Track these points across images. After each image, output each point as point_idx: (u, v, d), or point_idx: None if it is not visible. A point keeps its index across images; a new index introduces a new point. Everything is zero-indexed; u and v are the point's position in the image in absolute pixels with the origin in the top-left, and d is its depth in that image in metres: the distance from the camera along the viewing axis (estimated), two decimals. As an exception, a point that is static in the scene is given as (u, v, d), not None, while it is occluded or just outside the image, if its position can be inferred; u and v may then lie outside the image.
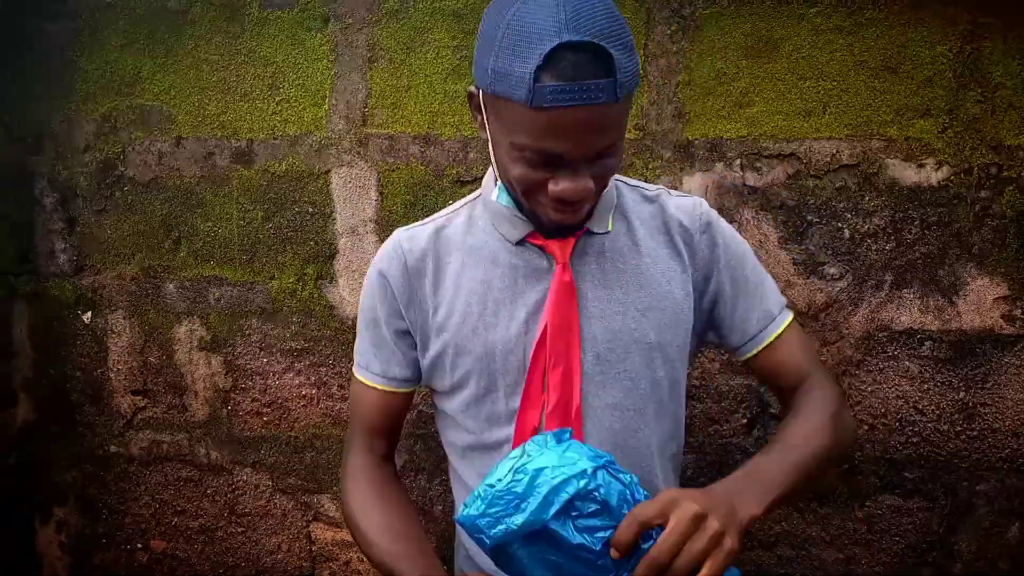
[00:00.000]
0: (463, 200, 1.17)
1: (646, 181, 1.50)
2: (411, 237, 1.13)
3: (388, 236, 1.55)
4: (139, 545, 1.74)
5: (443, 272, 1.10)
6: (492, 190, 1.07)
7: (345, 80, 1.55)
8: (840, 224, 1.49)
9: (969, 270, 1.48)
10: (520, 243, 1.07)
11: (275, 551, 1.71)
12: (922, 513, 1.55)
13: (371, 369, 1.17)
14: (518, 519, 0.80)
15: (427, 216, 1.40)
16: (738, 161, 1.49)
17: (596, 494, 0.81)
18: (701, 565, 0.78)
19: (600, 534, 0.81)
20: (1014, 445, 1.51)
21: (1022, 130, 1.44)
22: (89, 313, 1.67)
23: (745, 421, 1.56)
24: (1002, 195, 1.45)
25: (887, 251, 1.49)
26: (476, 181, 1.54)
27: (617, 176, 1.13)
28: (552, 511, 0.79)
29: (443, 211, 1.17)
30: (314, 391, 1.64)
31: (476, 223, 1.11)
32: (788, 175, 1.49)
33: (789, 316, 1.16)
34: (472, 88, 0.97)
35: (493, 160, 1.01)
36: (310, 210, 1.59)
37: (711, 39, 1.47)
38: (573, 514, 0.80)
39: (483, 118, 0.97)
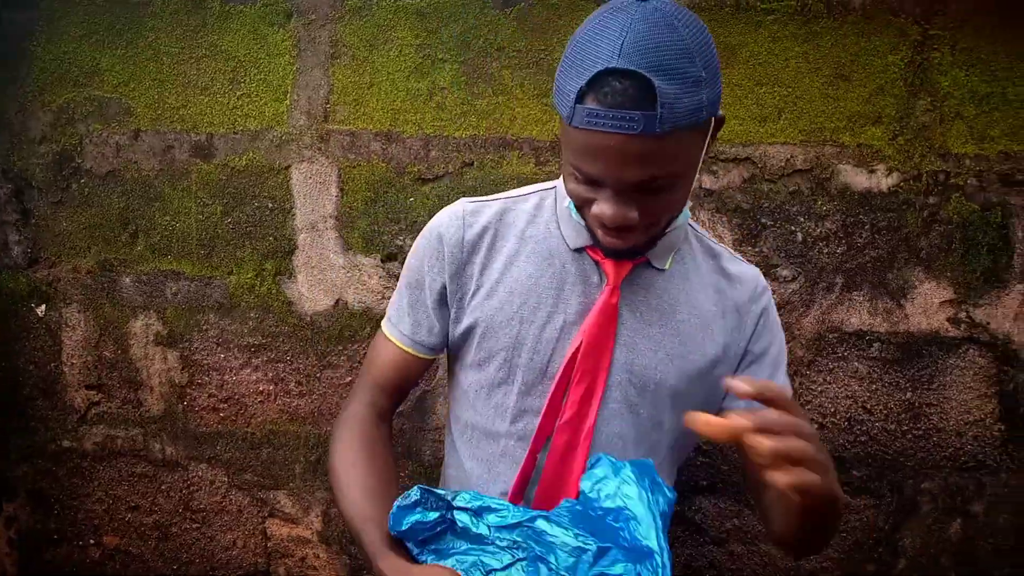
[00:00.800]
0: (537, 186, 1.16)
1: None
2: (475, 210, 1.11)
3: (348, 233, 1.57)
4: (92, 541, 1.71)
5: (496, 253, 1.09)
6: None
7: (307, 76, 1.55)
8: (793, 227, 1.52)
9: (917, 274, 1.52)
10: (579, 250, 1.06)
11: (230, 547, 1.70)
12: (869, 510, 1.59)
13: (400, 328, 1.16)
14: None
15: (387, 215, 1.41)
16: (695, 164, 1.52)
17: None
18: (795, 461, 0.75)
19: None
20: (957, 444, 1.56)
21: (968, 139, 1.48)
22: (43, 306, 1.65)
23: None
24: (949, 202, 1.50)
25: (838, 254, 1.52)
26: (438, 179, 1.55)
27: (692, 223, 1.13)
28: None
29: (512, 192, 1.16)
30: (271, 387, 1.63)
31: (542, 215, 1.10)
32: (743, 179, 1.52)
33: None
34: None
35: None
36: (270, 205, 1.59)
37: (670, 43, 1.49)
38: None
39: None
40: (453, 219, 1.11)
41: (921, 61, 1.47)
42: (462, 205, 1.12)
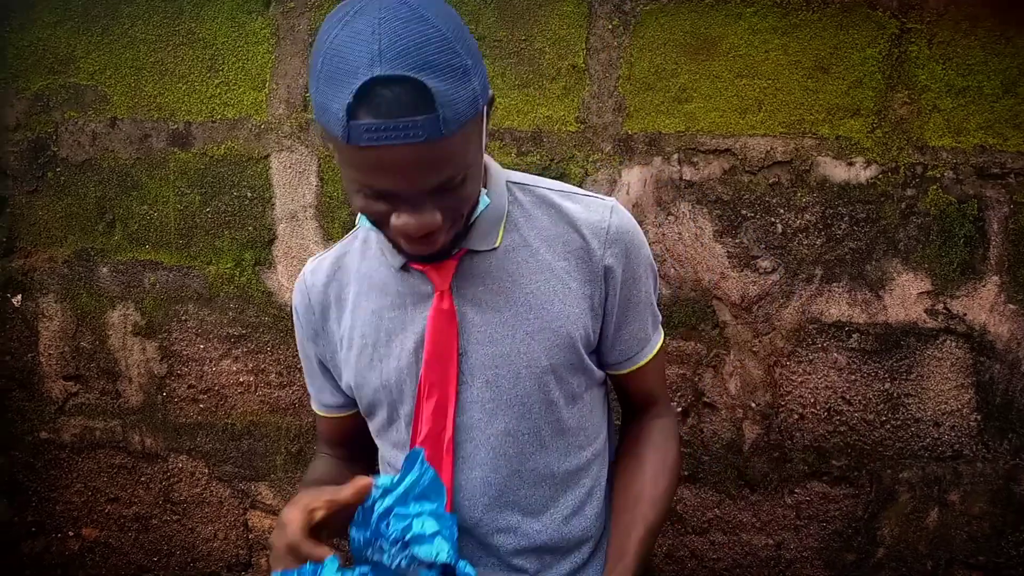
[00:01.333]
0: (359, 224, 1.08)
1: (586, 174, 1.53)
2: (314, 270, 1.09)
3: (328, 223, 1.56)
4: (71, 533, 1.70)
5: (344, 302, 1.06)
6: None
7: (286, 64, 1.54)
8: (773, 219, 1.53)
9: (895, 265, 1.53)
10: (403, 268, 1.00)
11: (211, 539, 1.69)
12: (848, 500, 1.60)
13: (317, 397, 1.17)
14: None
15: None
16: (676, 155, 1.52)
17: None
18: None
19: None
20: (935, 434, 1.57)
21: (945, 132, 1.49)
22: (19, 296, 1.63)
23: (680, 410, 1.59)
24: (926, 194, 1.51)
25: (817, 246, 1.53)
26: (418, 169, 1.54)
27: (513, 178, 1.06)
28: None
29: (347, 236, 1.12)
30: (252, 378, 1.62)
31: (369, 248, 1.06)
32: (724, 170, 1.52)
33: (662, 336, 1.12)
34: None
35: None
36: (249, 195, 1.57)
37: (651, 35, 1.50)
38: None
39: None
40: (299, 288, 1.10)
41: (899, 54, 1.48)
42: (304, 269, 1.11)
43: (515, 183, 1.04)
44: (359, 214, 0.95)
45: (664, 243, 1.52)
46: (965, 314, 1.54)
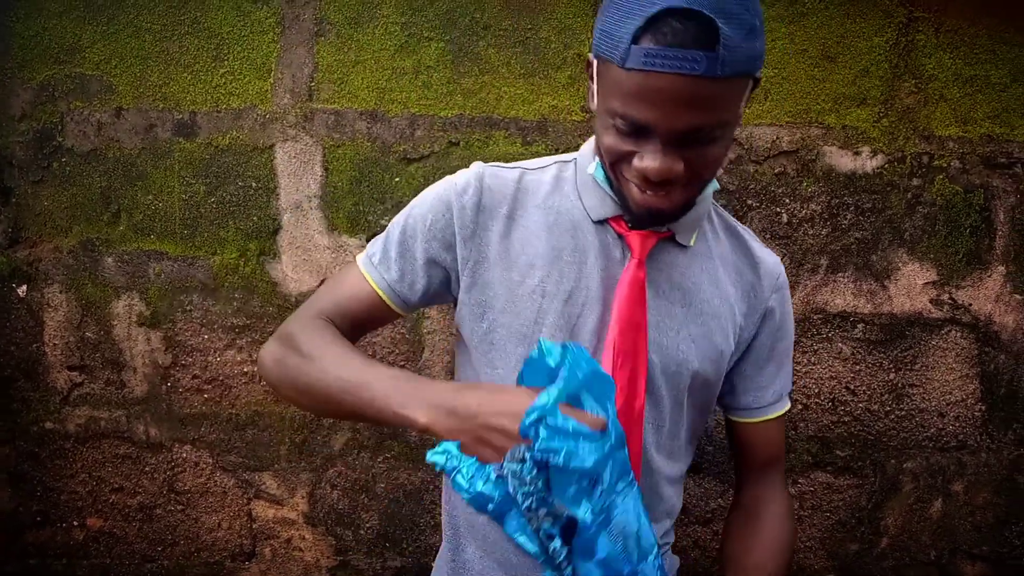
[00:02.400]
0: (554, 157, 1.10)
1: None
2: (495, 175, 1.04)
3: (333, 213, 1.56)
4: (75, 523, 1.71)
5: (516, 223, 1.03)
6: (591, 162, 1.02)
7: (291, 53, 1.53)
8: (779, 209, 1.53)
9: (900, 255, 1.53)
10: (601, 223, 1.01)
11: (215, 529, 1.69)
12: (851, 490, 1.60)
13: (382, 271, 1.06)
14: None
15: (373, 195, 1.38)
16: (681, 145, 1.52)
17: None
18: None
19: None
20: (939, 424, 1.57)
21: (952, 121, 1.49)
22: (24, 286, 1.63)
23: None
24: (932, 184, 1.51)
25: (823, 236, 1.53)
26: (423, 159, 1.54)
27: (714, 200, 1.09)
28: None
29: (531, 162, 1.09)
30: (256, 368, 1.62)
31: (563, 186, 1.05)
32: (730, 160, 1.52)
33: (789, 403, 1.16)
34: (590, 55, 0.92)
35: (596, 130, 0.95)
36: (254, 185, 1.57)
37: (657, 23, 1.49)
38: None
39: (594, 87, 0.91)
40: (471, 182, 1.03)
41: (906, 43, 1.48)
42: (480, 168, 1.05)
43: (713, 203, 1.08)
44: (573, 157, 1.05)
45: (669, 233, 1.52)
46: (971, 304, 1.53)
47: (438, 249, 1.04)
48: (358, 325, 1.09)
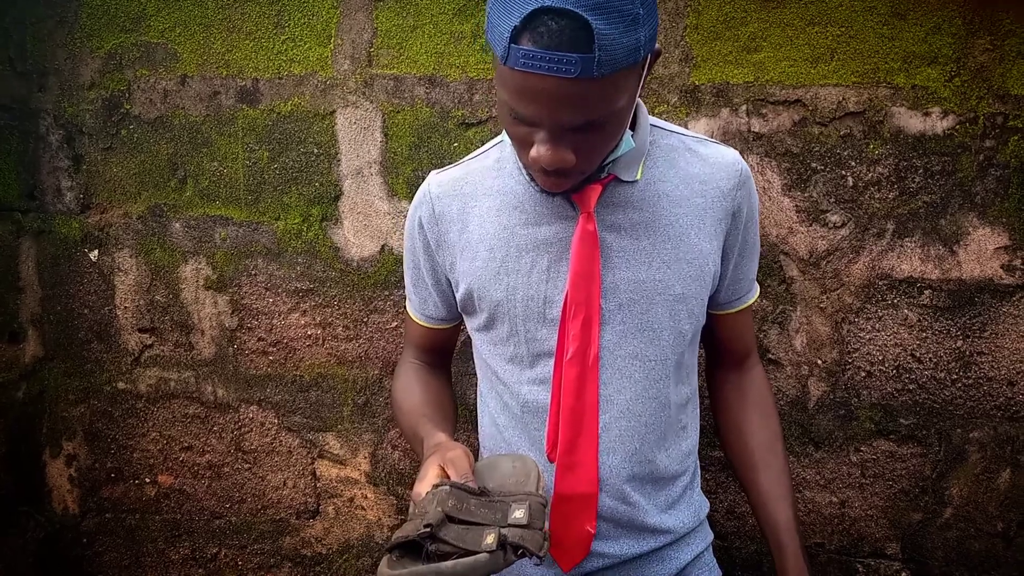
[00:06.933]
0: (493, 141, 1.16)
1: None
2: (439, 181, 1.14)
3: (393, 179, 1.57)
4: (147, 480, 1.77)
5: (469, 216, 1.10)
6: None
7: (351, 19, 1.54)
8: (844, 172, 1.49)
9: (971, 220, 1.49)
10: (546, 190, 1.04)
11: (280, 487, 1.74)
12: (915, 459, 1.57)
13: (412, 305, 1.26)
14: None
15: (432, 160, 1.44)
16: (744, 107, 1.49)
17: None
18: None
19: None
20: (1008, 393, 1.53)
21: (1030, 79, 1.43)
22: (96, 251, 1.69)
23: (744, 366, 1.57)
24: (1007, 145, 1.45)
25: (890, 200, 1.49)
26: (481, 124, 1.54)
27: (655, 120, 1.11)
28: None
29: (475, 152, 1.18)
30: (319, 332, 1.66)
31: (504, 166, 1.10)
32: (794, 122, 1.49)
33: (758, 286, 1.22)
34: None
35: None
36: (315, 151, 1.59)
37: (720, -18, 1.46)
38: None
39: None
40: (422, 198, 1.15)
41: (982, -2, 1.42)
42: (428, 180, 1.16)
43: (656, 126, 1.10)
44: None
45: (730, 197, 1.50)
46: (1045, 270, 1.49)
47: (432, 266, 1.17)
48: (436, 351, 1.32)
